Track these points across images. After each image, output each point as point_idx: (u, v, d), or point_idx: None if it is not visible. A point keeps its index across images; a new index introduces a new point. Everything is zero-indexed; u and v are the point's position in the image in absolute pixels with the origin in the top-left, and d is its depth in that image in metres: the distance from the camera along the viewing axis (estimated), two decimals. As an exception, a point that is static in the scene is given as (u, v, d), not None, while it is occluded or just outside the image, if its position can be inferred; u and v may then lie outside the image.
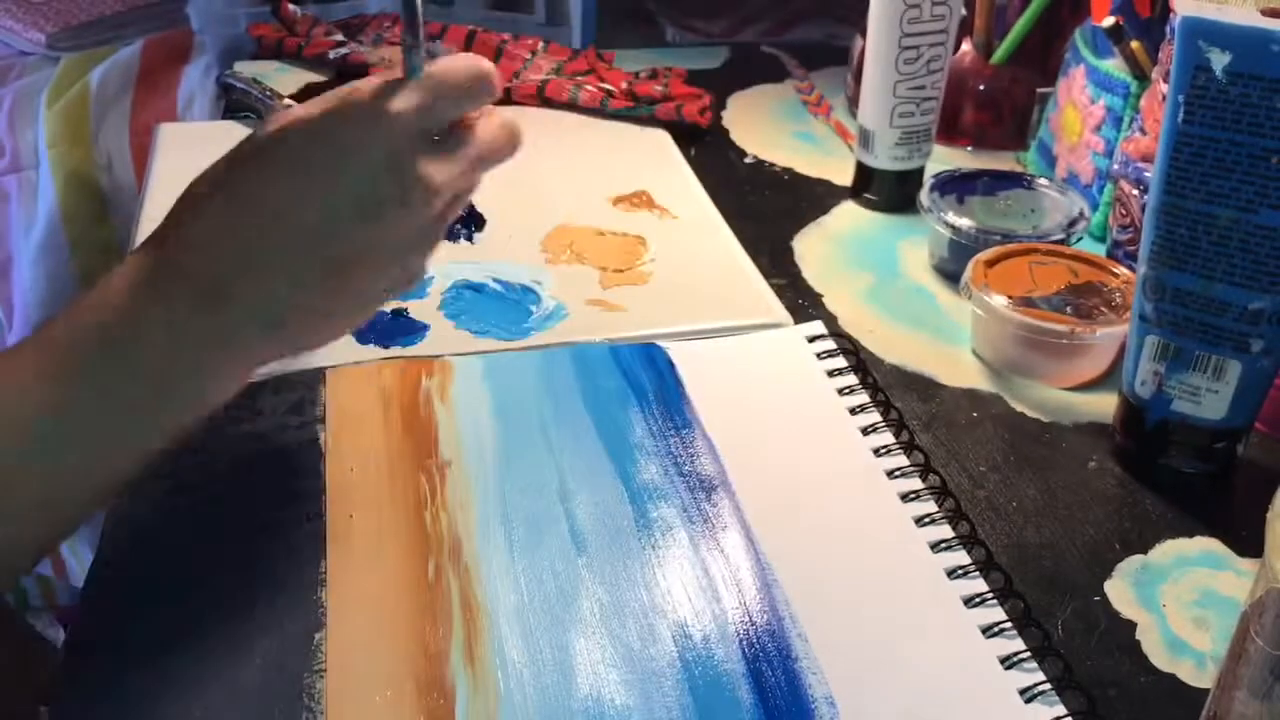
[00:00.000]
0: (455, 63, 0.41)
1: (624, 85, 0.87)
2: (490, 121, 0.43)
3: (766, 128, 0.87)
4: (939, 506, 0.48)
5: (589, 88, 0.86)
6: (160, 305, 0.39)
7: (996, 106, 0.82)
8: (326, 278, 0.40)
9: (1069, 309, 0.56)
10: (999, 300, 0.56)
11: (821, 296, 0.64)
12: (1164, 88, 0.57)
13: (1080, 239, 0.64)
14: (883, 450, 0.51)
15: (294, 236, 0.39)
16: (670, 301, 0.62)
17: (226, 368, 0.41)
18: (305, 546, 0.45)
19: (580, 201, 0.72)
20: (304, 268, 0.39)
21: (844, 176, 0.77)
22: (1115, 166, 0.65)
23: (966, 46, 0.82)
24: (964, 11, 0.75)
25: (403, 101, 0.39)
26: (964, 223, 0.64)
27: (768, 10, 1.11)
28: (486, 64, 0.41)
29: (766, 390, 0.55)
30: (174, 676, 0.39)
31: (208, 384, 0.41)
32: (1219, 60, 0.43)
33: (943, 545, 0.46)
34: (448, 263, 0.65)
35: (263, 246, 0.39)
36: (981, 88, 0.82)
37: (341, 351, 0.56)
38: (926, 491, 0.49)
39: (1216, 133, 0.44)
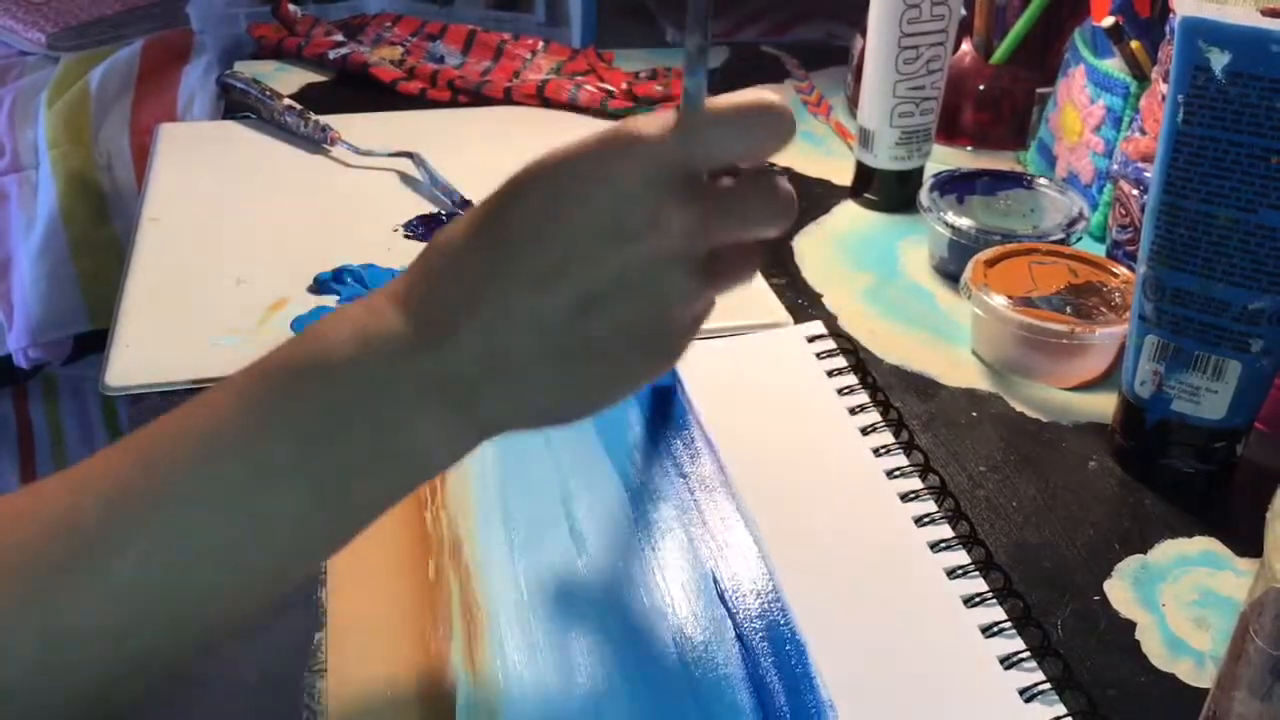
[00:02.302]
0: (741, 96, 0.35)
1: (624, 85, 0.87)
2: (764, 180, 0.36)
3: None
4: (938, 506, 0.48)
5: (589, 88, 0.86)
6: (376, 342, 0.34)
7: (996, 106, 0.82)
8: (563, 317, 0.33)
9: (1069, 309, 0.56)
10: (999, 300, 0.56)
11: (821, 296, 0.64)
12: (1164, 88, 0.57)
13: (1080, 239, 0.64)
14: (882, 450, 0.51)
15: (531, 267, 0.33)
16: (670, 301, 0.62)
17: (448, 423, 0.34)
18: (305, 546, 0.45)
19: (580, 201, 0.72)
20: (540, 302, 0.33)
21: (844, 176, 0.77)
22: (1115, 166, 0.65)
23: (966, 46, 0.82)
24: (964, 11, 0.75)
25: (667, 130, 0.34)
26: (964, 223, 0.64)
27: (768, 10, 1.11)
28: (779, 103, 0.35)
29: (766, 390, 0.55)
30: (174, 676, 0.39)
31: (426, 443, 0.34)
32: (1219, 60, 0.43)
33: (942, 545, 0.46)
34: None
35: (496, 277, 0.33)
36: (981, 88, 0.82)
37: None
38: (926, 491, 0.49)
39: (1216, 133, 0.44)
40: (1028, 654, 0.41)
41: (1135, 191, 0.62)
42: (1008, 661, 0.41)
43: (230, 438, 0.33)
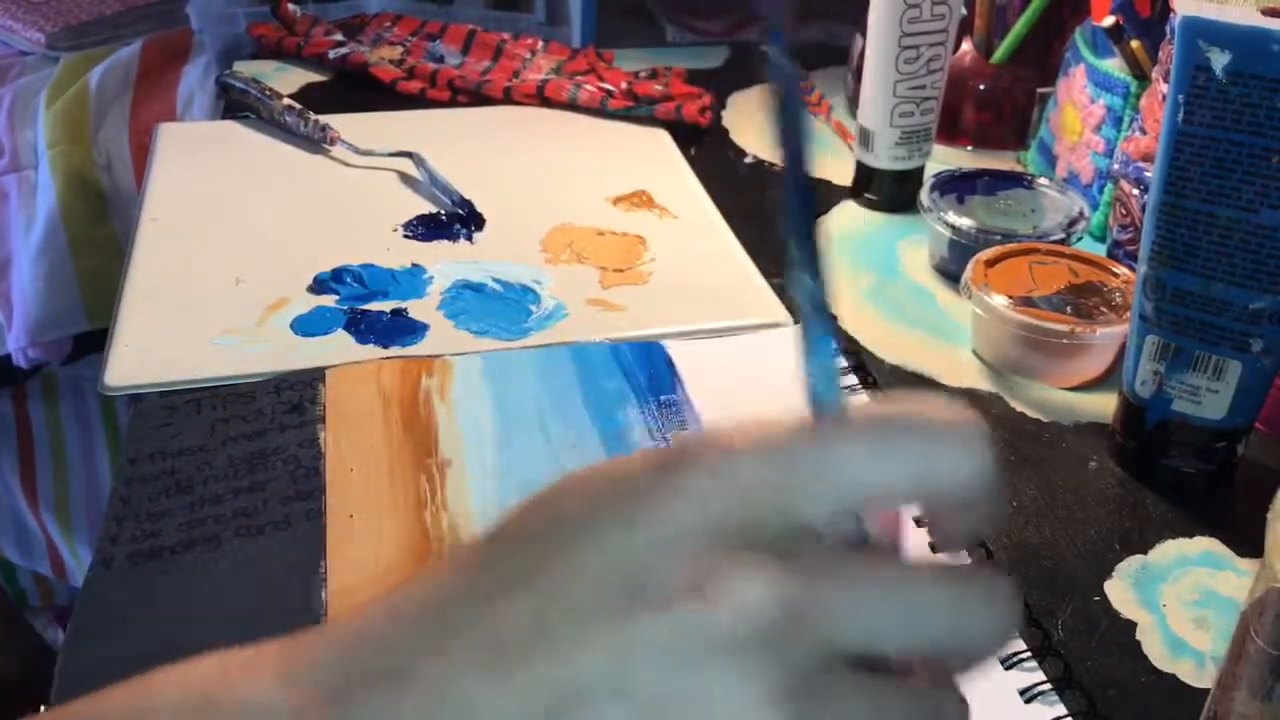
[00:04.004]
0: (908, 406, 0.21)
1: (624, 85, 0.87)
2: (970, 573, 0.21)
3: (767, 128, 0.86)
4: (939, 506, 0.48)
5: (589, 88, 0.86)
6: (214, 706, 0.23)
7: (996, 106, 0.82)
8: (539, 704, 0.20)
9: (1069, 309, 0.56)
10: (999, 300, 0.56)
11: (821, 296, 0.64)
12: (1164, 88, 0.57)
13: (1080, 239, 0.64)
14: (883, 450, 0.51)
15: (490, 637, 0.21)
16: (670, 301, 0.62)
17: None
18: (305, 546, 0.45)
19: (580, 201, 0.72)
20: (492, 699, 0.20)
21: (844, 176, 0.77)
22: (1115, 166, 0.65)
23: (966, 46, 0.82)
24: (964, 11, 0.75)
25: (771, 442, 0.21)
26: (964, 223, 0.64)
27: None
28: (969, 415, 0.21)
29: (766, 390, 0.55)
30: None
31: None
32: (1219, 60, 0.43)
33: (943, 545, 0.46)
34: (447, 262, 0.65)
35: (438, 639, 0.21)
36: (981, 88, 0.82)
37: (341, 351, 0.56)
38: (926, 491, 0.49)
39: (1216, 133, 0.44)
40: (1028, 654, 0.41)
41: (1136, 191, 0.62)
42: (1008, 662, 0.41)
43: None
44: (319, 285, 0.62)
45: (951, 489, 0.21)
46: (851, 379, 0.55)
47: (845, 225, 0.73)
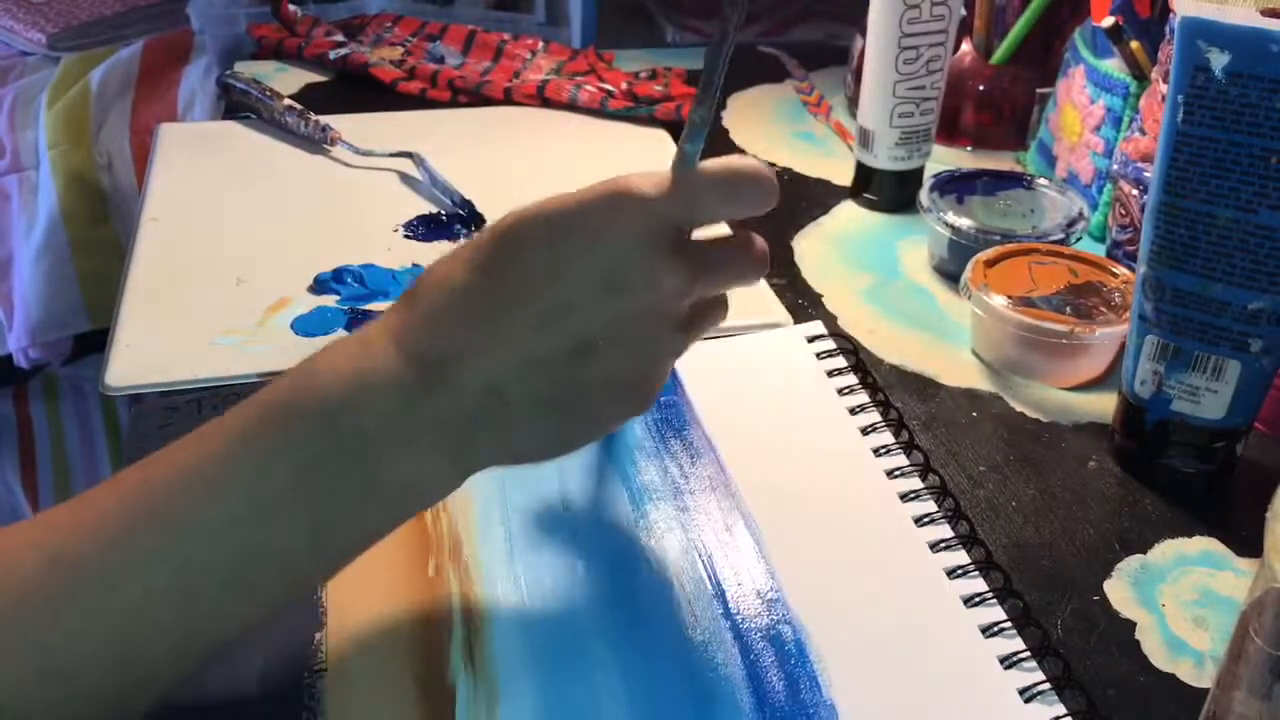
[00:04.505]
0: (731, 162, 0.38)
1: (624, 85, 0.87)
2: (743, 239, 0.41)
3: (766, 128, 0.87)
4: (938, 506, 0.48)
5: (589, 88, 0.86)
6: (372, 383, 0.35)
7: (996, 106, 0.82)
8: (559, 363, 0.36)
9: (1069, 309, 0.56)
10: (999, 300, 0.56)
11: (821, 296, 0.64)
12: (1163, 88, 0.57)
13: (1080, 239, 0.64)
14: (882, 450, 0.51)
15: (535, 313, 0.35)
16: (670, 301, 0.62)
17: (438, 465, 0.36)
18: (305, 546, 0.45)
19: (580, 201, 0.72)
20: (539, 347, 0.36)
21: (844, 176, 0.77)
22: (1115, 166, 0.65)
23: (966, 46, 0.82)
24: (964, 11, 0.75)
25: (663, 189, 0.37)
26: (964, 223, 0.64)
27: (768, 10, 1.11)
28: (768, 174, 0.38)
29: (766, 390, 0.55)
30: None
31: (417, 483, 0.36)
32: (1218, 60, 0.43)
33: (942, 545, 0.46)
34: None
35: (499, 320, 0.35)
36: (981, 88, 0.82)
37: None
38: (926, 491, 0.49)
39: (1216, 133, 0.44)
40: (1028, 654, 0.41)
41: (1135, 191, 0.62)
42: (1008, 661, 0.41)
43: (230, 475, 0.34)
44: (319, 285, 0.62)
45: (755, 208, 0.39)
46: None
47: (845, 225, 0.73)
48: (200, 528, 0.33)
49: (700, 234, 0.40)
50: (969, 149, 0.83)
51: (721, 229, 0.41)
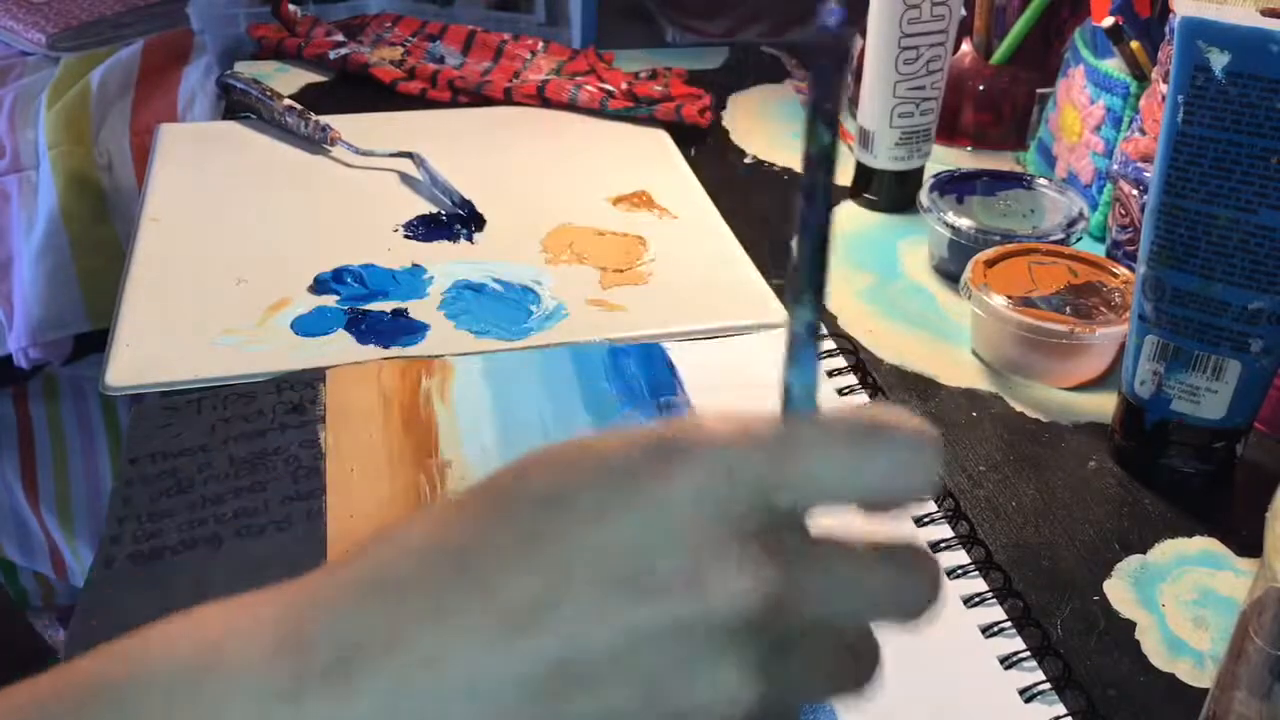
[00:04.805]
0: (869, 411, 0.24)
1: (624, 85, 0.87)
2: (899, 550, 0.24)
3: (766, 128, 0.87)
4: (938, 506, 0.48)
5: (589, 88, 0.86)
6: (231, 659, 0.22)
7: (996, 106, 0.82)
8: (523, 691, 0.21)
9: (1069, 309, 0.56)
10: (999, 300, 0.56)
11: (821, 296, 0.64)
12: (1164, 88, 0.57)
13: (1080, 239, 0.64)
14: (882, 450, 0.51)
15: (506, 600, 0.22)
16: (670, 301, 0.62)
17: None
18: (305, 546, 0.45)
19: (580, 201, 0.72)
20: (503, 661, 0.21)
21: (844, 176, 0.77)
22: (1115, 166, 0.65)
23: (966, 46, 0.82)
24: (964, 11, 0.75)
25: (750, 438, 0.23)
26: (964, 223, 0.64)
27: (768, 10, 1.11)
28: (928, 429, 0.25)
29: (766, 390, 0.55)
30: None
31: None
32: (1219, 60, 0.43)
33: (942, 545, 0.46)
34: (448, 263, 0.65)
35: (441, 618, 0.22)
36: (981, 88, 0.82)
37: (342, 351, 0.57)
38: (926, 491, 0.49)
39: (1216, 133, 0.44)
40: (1028, 654, 0.41)
41: (1135, 191, 0.62)
42: (1008, 661, 0.41)
43: None
44: (319, 285, 0.62)
45: (906, 498, 0.24)
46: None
47: (845, 225, 0.73)
48: None
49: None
50: (969, 149, 0.83)
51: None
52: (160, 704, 0.22)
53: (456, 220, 0.69)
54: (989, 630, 0.42)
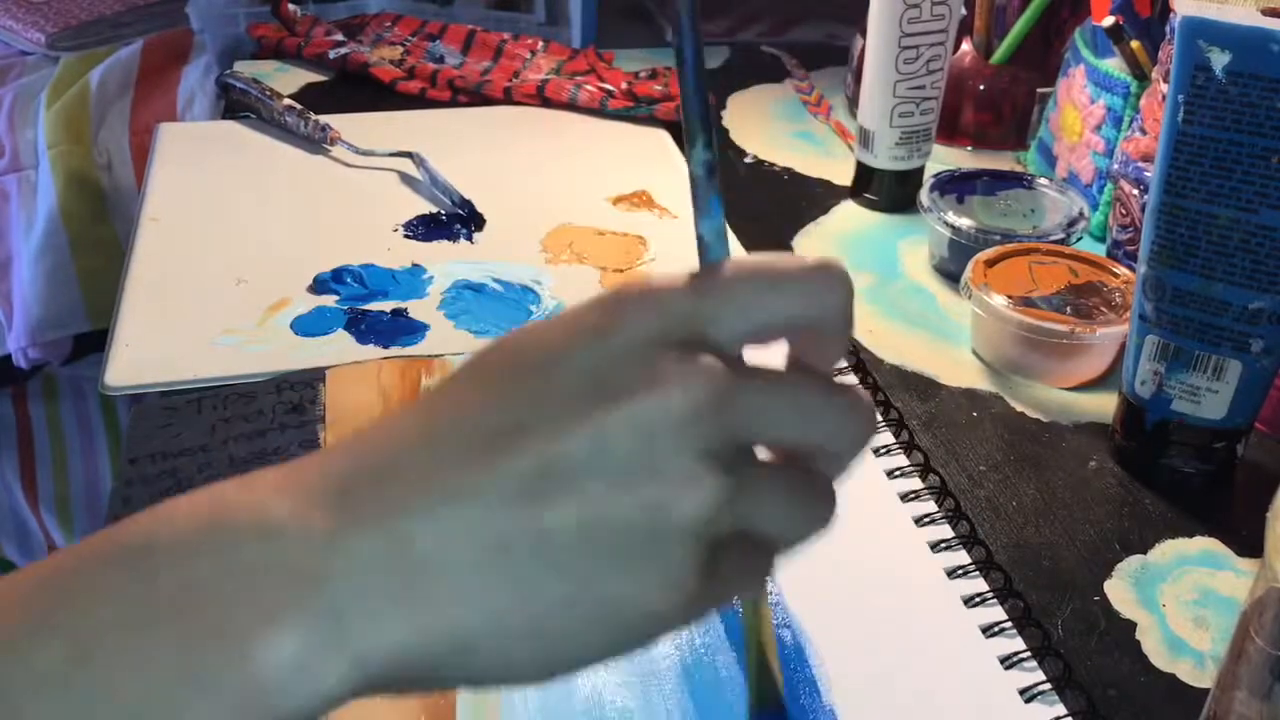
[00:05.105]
0: (782, 255, 0.26)
1: (624, 85, 0.87)
2: (823, 380, 0.26)
3: (766, 128, 0.87)
4: (939, 506, 0.48)
5: (589, 88, 0.86)
6: (232, 523, 0.23)
7: (996, 106, 0.82)
8: (512, 503, 0.23)
9: (1069, 309, 0.56)
10: (999, 300, 0.56)
11: (821, 296, 0.64)
12: (1164, 88, 0.57)
13: (1080, 239, 0.64)
14: (882, 450, 0.51)
15: (479, 432, 0.24)
16: (670, 301, 0.62)
17: (312, 653, 0.22)
18: (305, 546, 0.45)
19: (580, 201, 0.72)
20: (485, 479, 0.23)
21: (844, 176, 0.77)
22: (1115, 166, 0.65)
23: (966, 46, 0.82)
24: (964, 11, 0.75)
25: (679, 283, 0.25)
26: (964, 223, 0.64)
27: (768, 10, 1.11)
28: (835, 264, 0.26)
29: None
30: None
31: (271, 677, 0.22)
32: (1219, 60, 0.43)
33: (943, 545, 0.46)
34: (447, 262, 0.65)
35: (429, 444, 0.24)
36: (981, 88, 0.82)
37: (341, 351, 0.57)
38: (926, 491, 0.49)
39: (1216, 133, 0.44)
40: (1028, 654, 0.41)
41: (1135, 191, 0.62)
42: (1008, 661, 0.41)
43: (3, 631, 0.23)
44: (319, 285, 0.62)
45: (821, 323, 0.26)
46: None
47: (845, 225, 0.73)
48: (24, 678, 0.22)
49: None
50: (969, 149, 0.83)
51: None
52: (175, 558, 0.23)
53: (456, 220, 0.69)
54: (989, 630, 0.42)
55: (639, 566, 0.24)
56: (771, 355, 0.26)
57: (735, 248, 0.65)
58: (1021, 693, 0.40)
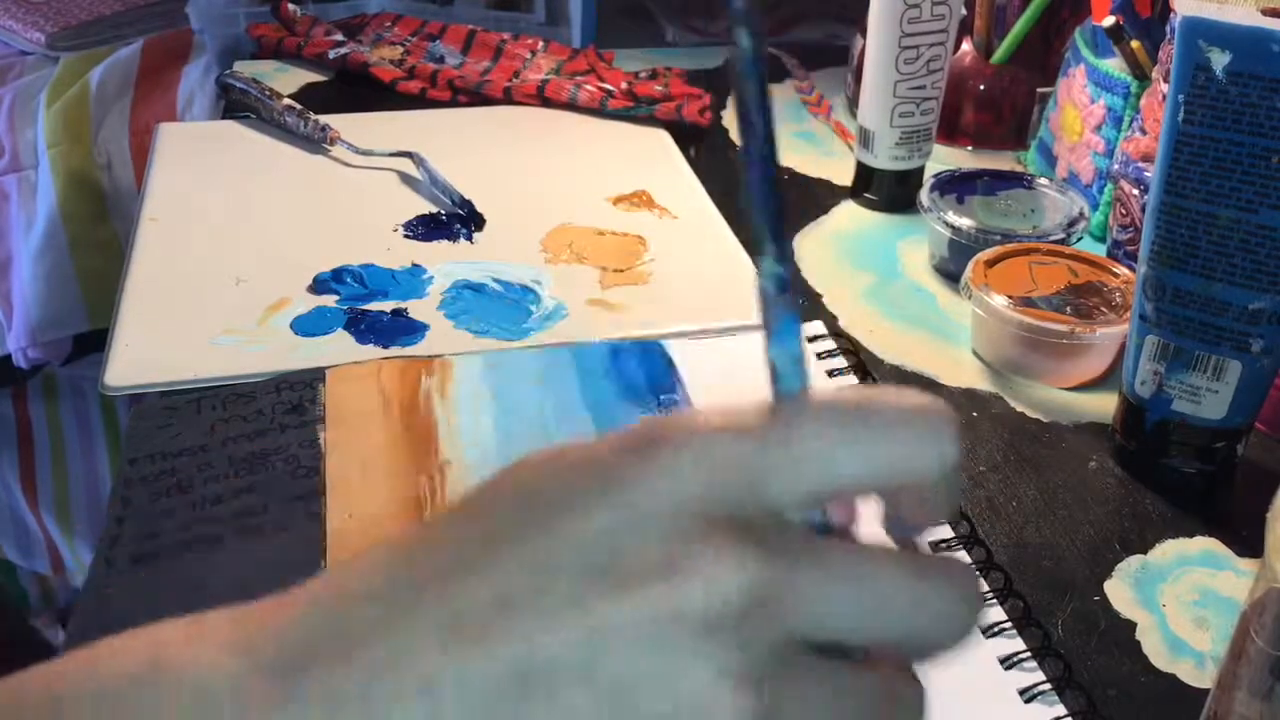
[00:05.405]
0: (875, 393, 0.22)
1: (624, 85, 0.87)
2: (931, 559, 0.21)
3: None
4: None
5: (589, 88, 0.86)
6: (179, 672, 0.21)
7: (996, 106, 0.82)
8: (496, 696, 0.19)
9: (1069, 309, 0.56)
10: (999, 300, 0.56)
11: (821, 296, 0.64)
12: (1164, 88, 0.57)
13: (1080, 239, 0.64)
14: (883, 450, 0.51)
15: (455, 606, 0.20)
16: (670, 301, 0.62)
17: None
18: (305, 546, 0.45)
19: (580, 201, 0.72)
20: (456, 669, 0.20)
21: (844, 176, 0.77)
22: (1115, 166, 0.65)
23: (966, 46, 0.82)
24: (964, 11, 0.75)
25: (740, 426, 0.21)
26: (964, 223, 0.64)
27: (768, 10, 1.11)
28: (935, 401, 0.21)
29: (766, 390, 0.55)
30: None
31: None
32: (1219, 60, 0.43)
33: (943, 545, 0.46)
34: (447, 262, 0.65)
35: (399, 621, 0.20)
36: (981, 88, 0.82)
37: (341, 351, 0.56)
38: (926, 491, 0.49)
39: (1216, 133, 0.44)
40: (1028, 654, 0.41)
41: (1136, 191, 0.62)
42: (1008, 662, 0.41)
43: None
44: (319, 285, 0.62)
45: (916, 479, 0.21)
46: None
47: (845, 225, 0.73)
48: None
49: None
50: (969, 149, 0.83)
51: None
52: (95, 713, 0.21)
53: (456, 220, 0.69)
54: (989, 631, 0.42)
55: None
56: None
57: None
58: (1021, 693, 0.40)
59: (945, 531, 0.46)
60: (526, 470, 0.22)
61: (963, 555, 0.45)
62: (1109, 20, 0.65)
